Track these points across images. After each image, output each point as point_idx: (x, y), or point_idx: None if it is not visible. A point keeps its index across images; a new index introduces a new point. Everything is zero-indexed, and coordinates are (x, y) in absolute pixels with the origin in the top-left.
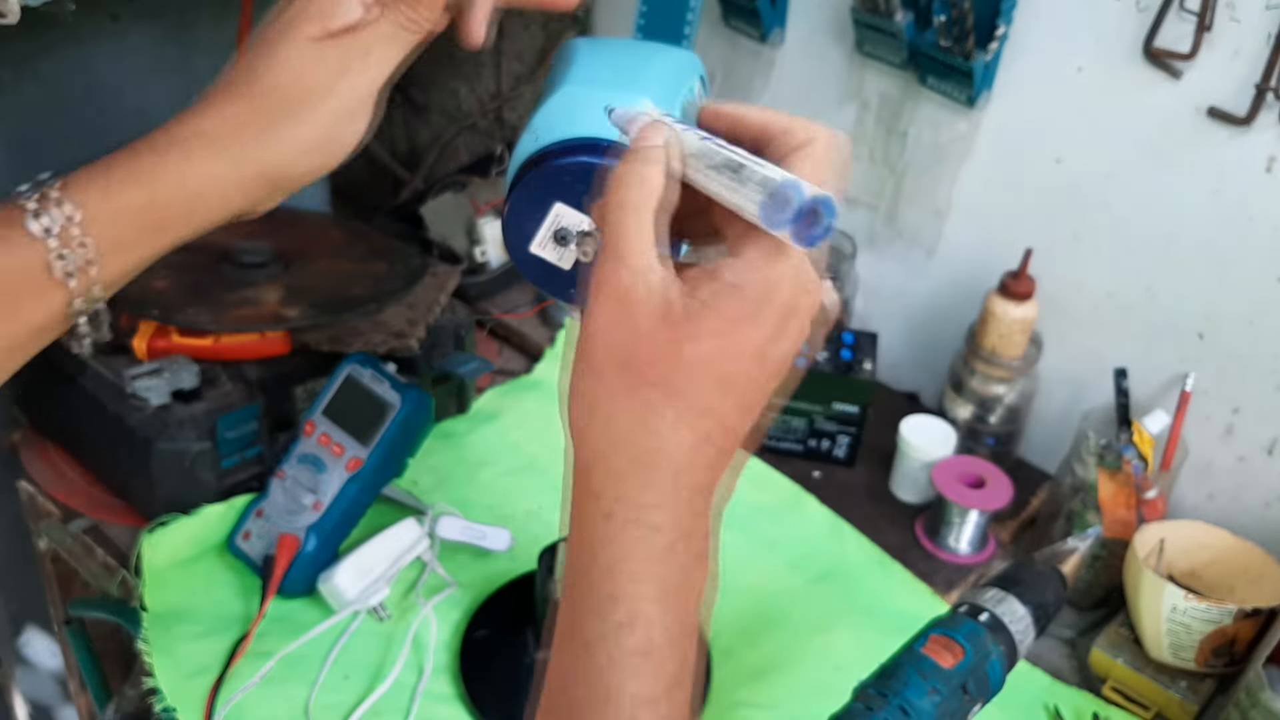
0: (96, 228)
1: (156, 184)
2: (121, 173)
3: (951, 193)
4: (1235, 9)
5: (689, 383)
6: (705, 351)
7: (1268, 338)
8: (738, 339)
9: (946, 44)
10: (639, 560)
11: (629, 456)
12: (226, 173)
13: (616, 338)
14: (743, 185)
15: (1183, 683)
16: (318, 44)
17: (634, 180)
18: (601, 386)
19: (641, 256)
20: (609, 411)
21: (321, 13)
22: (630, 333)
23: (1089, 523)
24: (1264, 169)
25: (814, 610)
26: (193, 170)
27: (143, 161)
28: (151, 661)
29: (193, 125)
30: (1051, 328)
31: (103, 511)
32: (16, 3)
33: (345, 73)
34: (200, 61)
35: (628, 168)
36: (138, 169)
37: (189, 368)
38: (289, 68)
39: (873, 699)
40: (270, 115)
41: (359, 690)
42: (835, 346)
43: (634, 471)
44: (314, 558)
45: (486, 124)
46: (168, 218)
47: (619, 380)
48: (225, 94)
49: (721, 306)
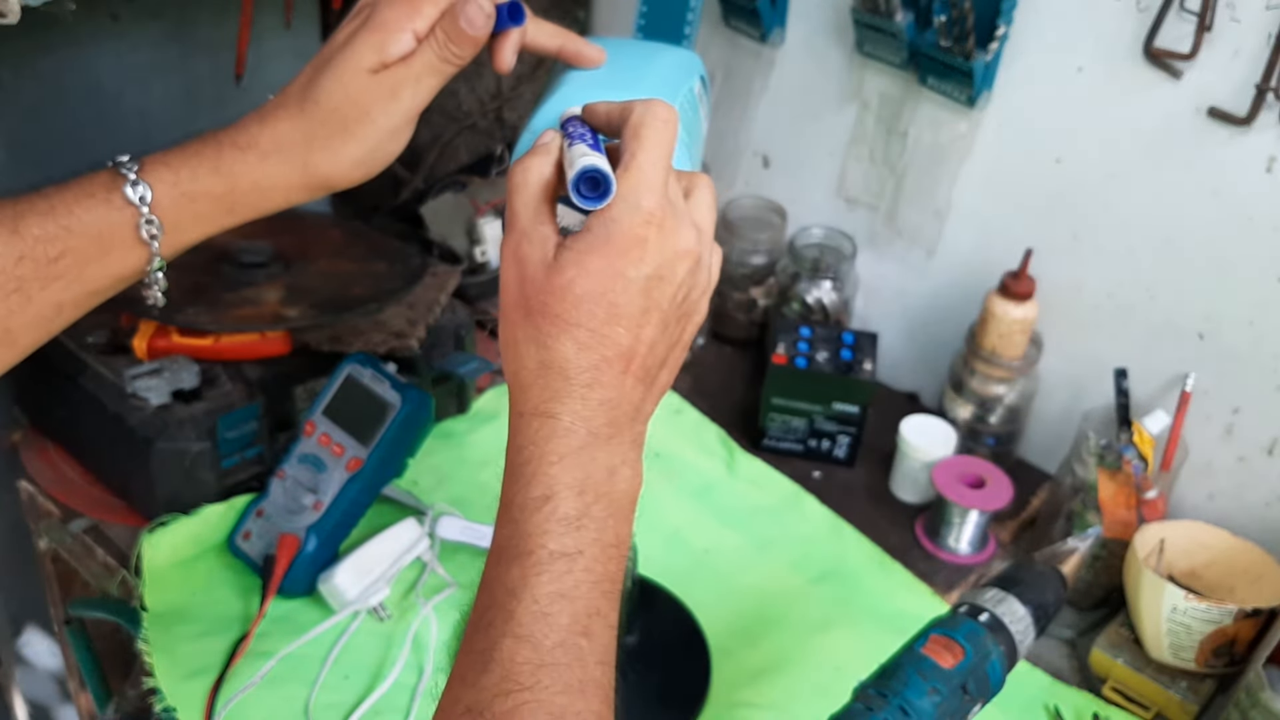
0: (176, 204)
1: (235, 177)
2: (209, 163)
3: (952, 193)
4: (1235, 9)
5: (574, 311)
6: (584, 286)
7: (1268, 338)
8: (608, 273)
9: (947, 44)
10: (552, 448)
11: (532, 370)
12: (291, 176)
13: (513, 286)
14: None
15: (1183, 683)
16: (374, 74)
17: (521, 170)
18: (509, 326)
19: (527, 222)
20: (515, 340)
21: (380, 46)
22: (522, 281)
23: (1089, 523)
24: (1264, 169)
25: (814, 610)
26: (264, 171)
27: (225, 156)
28: (151, 661)
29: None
30: (1051, 328)
31: (103, 511)
32: (17, 2)
33: (395, 99)
34: (200, 61)
35: (521, 163)
36: (219, 161)
37: (189, 367)
38: (348, 94)
39: (873, 699)
40: (330, 132)
41: (359, 690)
42: (836, 347)
43: (537, 380)
44: (314, 558)
45: (486, 124)
46: (240, 204)
47: (519, 316)
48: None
49: (590, 249)
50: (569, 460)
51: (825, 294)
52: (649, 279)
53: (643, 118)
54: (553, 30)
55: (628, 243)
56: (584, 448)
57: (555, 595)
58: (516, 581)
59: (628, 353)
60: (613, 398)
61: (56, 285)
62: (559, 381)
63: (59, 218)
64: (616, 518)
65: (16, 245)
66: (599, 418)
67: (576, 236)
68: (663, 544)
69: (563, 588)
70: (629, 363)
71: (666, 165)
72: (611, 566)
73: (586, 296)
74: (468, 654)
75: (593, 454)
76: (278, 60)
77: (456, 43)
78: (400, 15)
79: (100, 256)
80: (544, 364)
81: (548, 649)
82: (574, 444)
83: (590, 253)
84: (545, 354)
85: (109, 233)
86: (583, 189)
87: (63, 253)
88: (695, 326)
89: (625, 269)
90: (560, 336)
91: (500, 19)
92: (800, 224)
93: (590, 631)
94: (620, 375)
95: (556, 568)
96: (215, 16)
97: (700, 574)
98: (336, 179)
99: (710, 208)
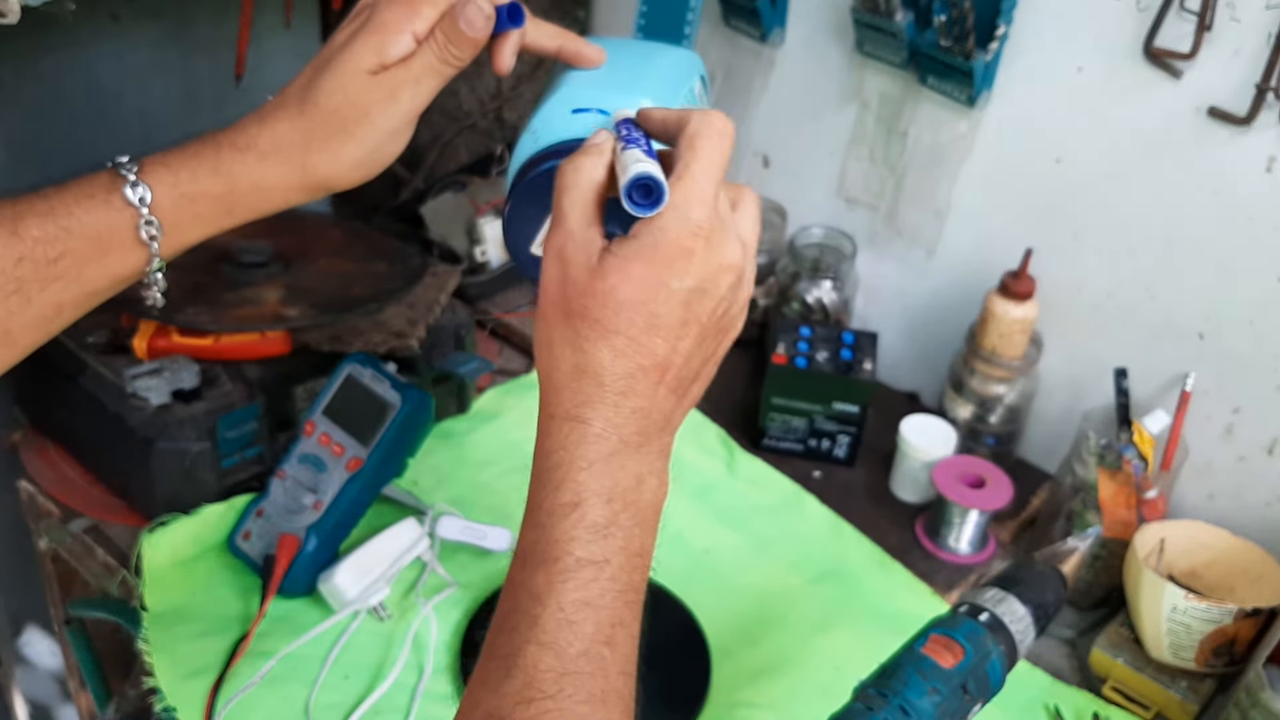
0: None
1: (234, 178)
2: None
3: (952, 193)
4: (1235, 9)
5: (614, 317)
6: (626, 293)
7: (1268, 337)
8: (651, 283)
9: (947, 44)
10: (582, 454)
11: (567, 372)
12: (290, 177)
13: (554, 286)
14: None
15: (1183, 682)
16: (373, 75)
17: (572, 169)
18: (546, 326)
19: (575, 223)
20: (551, 341)
21: (380, 47)
22: (563, 282)
23: (1089, 522)
24: (1264, 169)
25: (814, 610)
26: (263, 171)
27: (224, 157)
28: (152, 661)
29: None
30: (1051, 328)
31: (103, 511)
32: (17, 2)
33: (394, 100)
34: (200, 61)
35: (572, 161)
36: (218, 162)
37: (189, 367)
38: (347, 95)
39: (873, 699)
40: (329, 133)
41: (359, 690)
42: (836, 346)
43: (571, 383)
44: (314, 557)
45: (486, 124)
46: (239, 204)
47: (557, 317)
48: (291, 111)
49: (636, 256)
50: (598, 467)
51: (825, 294)
52: (691, 291)
53: (699, 128)
54: (552, 31)
55: (674, 253)
56: (614, 455)
57: (581, 603)
58: (542, 587)
59: (663, 363)
60: (645, 407)
61: (56, 286)
62: (593, 387)
63: (58, 219)
64: (643, 527)
65: (16, 246)
66: (630, 426)
67: (622, 242)
68: (663, 544)
69: (588, 595)
70: (664, 373)
71: (719, 178)
72: (636, 576)
73: (628, 304)
74: (490, 658)
75: (622, 462)
76: (278, 60)
77: (456, 44)
78: (400, 17)
79: (100, 257)
80: (579, 368)
81: (571, 657)
82: (604, 451)
83: (636, 260)
84: (581, 358)
85: (108, 234)
86: (635, 195)
87: (62, 254)
88: (730, 341)
89: (669, 279)
90: (598, 341)
91: (500, 21)
92: (800, 224)
93: (614, 641)
94: (654, 385)
95: (583, 575)
96: (215, 16)
97: (700, 574)
98: (335, 180)
99: (755, 221)
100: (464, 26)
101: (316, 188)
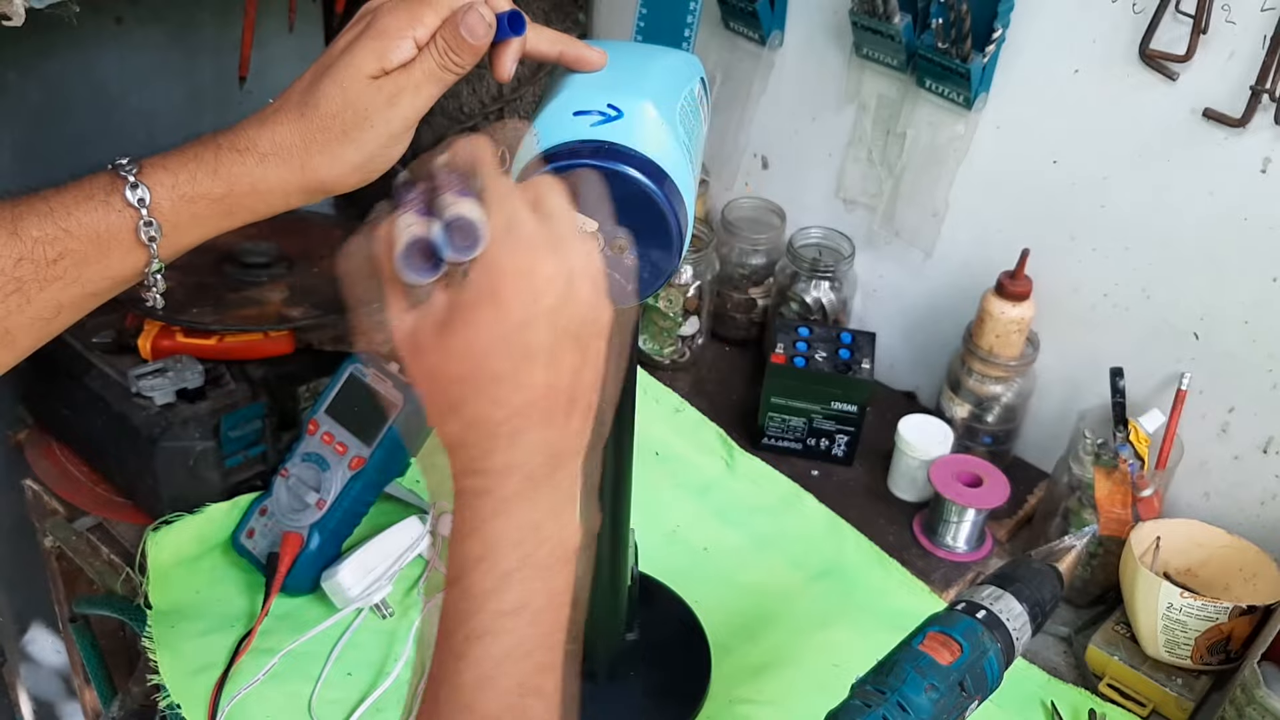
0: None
1: (233, 180)
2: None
3: (949, 193)
4: (1231, 11)
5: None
6: (483, 340)
7: (1263, 337)
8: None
9: (944, 46)
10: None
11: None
12: (289, 179)
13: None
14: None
15: (1178, 679)
16: (374, 80)
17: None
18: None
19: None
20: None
21: (381, 52)
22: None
23: (1085, 521)
24: (1259, 170)
25: (813, 608)
26: (262, 174)
27: (223, 159)
28: (156, 658)
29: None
30: (1048, 327)
31: (108, 509)
32: (21, 5)
33: (394, 105)
34: (204, 64)
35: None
36: (217, 163)
37: (193, 367)
38: (348, 99)
39: (870, 695)
40: (329, 137)
41: (362, 687)
42: (834, 346)
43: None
44: (317, 555)
45: (488, 126)
46: (238, 206)
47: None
48: (291, 114)
49: (478, 301)
50: (505, 512)
51: (824, 294)
52: (550, 309)
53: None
54: (553, 37)
55: (515, 280)
56: (519, 495)
57: (500, 658)
58: (460, 646)
59: (548, 389)
60: (544, 437)
61: (55, 286)
62: (484, 438)
63: (58, 219)
64: (563, 561)
65: (16, 247)
66: (534, 460)
67: (460, 290)
68: (663, 542)
69: (506, 647)
70: (553, 398)
71: (510, 186)
72: (561, 615)
73: (491, 350)
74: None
75: (532, 499)
76: (281, 63)
77: (457, 51)
78: (401, 23)
79: (99, 258)
80: (467, 424)
81: (494, 716)
82: (508, 493)
83: (478, 306)
84: (466, 414)
85: (108, 234)
86: (456, 240)
87: (62, 254)
88: (604, 330)
89: (519, 309)
90: (476, 396)
91: (501, 28)
92: (799, 224)
93: (542, 690)
94: (547, 414)
95: (500, 626)
96: (219, 19)
97: (700, 572)
98: (334, 183)
99: (565, 208)
100: (465, 34)
101: (316, 190)
